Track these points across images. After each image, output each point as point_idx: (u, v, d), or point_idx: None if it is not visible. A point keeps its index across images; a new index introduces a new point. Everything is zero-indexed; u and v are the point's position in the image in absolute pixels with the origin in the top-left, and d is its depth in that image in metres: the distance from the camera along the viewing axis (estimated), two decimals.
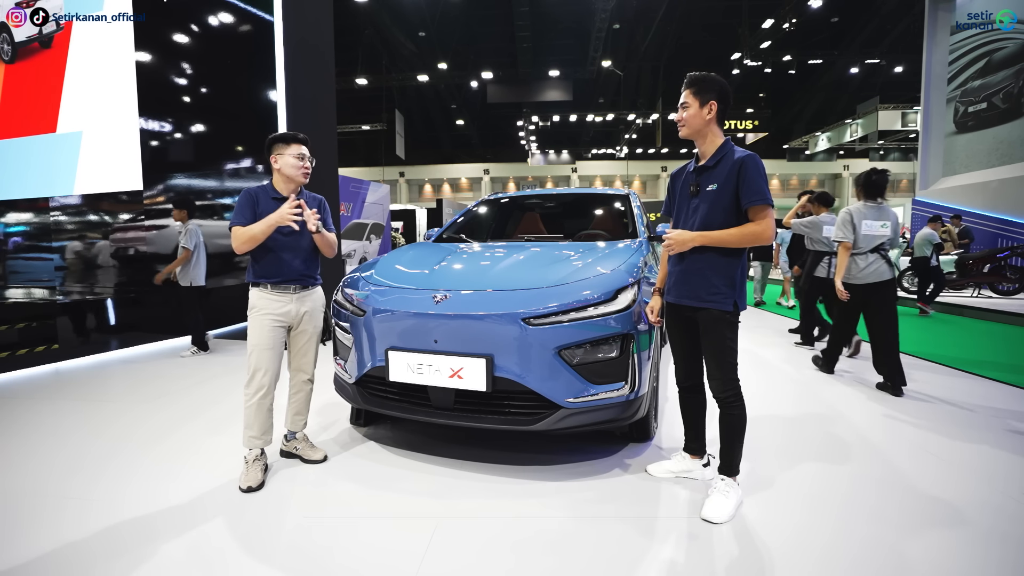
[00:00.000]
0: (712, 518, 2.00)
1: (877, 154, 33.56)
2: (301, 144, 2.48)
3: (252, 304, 2.44)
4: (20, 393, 3.93)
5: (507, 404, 2.34)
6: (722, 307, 2.05)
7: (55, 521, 2.07)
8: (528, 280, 2.46)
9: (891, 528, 1.97)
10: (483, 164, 34.65)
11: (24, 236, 5.51)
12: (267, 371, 2.41)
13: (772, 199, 1.99)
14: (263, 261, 2.44)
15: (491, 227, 4.22)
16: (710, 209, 2.06)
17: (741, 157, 2.02)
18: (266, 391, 2.41)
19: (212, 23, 5.99)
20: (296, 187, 2.52)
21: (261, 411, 2.41)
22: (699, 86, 2.06)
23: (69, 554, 1.85)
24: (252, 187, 2.48)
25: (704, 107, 2.06)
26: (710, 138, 2.11)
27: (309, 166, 2.50)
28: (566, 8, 19.60)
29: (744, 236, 2.00)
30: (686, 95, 2.09)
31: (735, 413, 2.10)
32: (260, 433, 2.42)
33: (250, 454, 2.42)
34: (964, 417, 3.24)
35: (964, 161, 12.85)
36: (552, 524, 2.01)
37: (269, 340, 2.41)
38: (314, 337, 2.61)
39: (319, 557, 1.82)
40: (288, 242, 2.46)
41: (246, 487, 2.31)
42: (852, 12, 20.92)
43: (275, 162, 2.46)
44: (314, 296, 2.59)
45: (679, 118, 2.13)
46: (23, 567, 1.78)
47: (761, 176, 1.99)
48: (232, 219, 2.40)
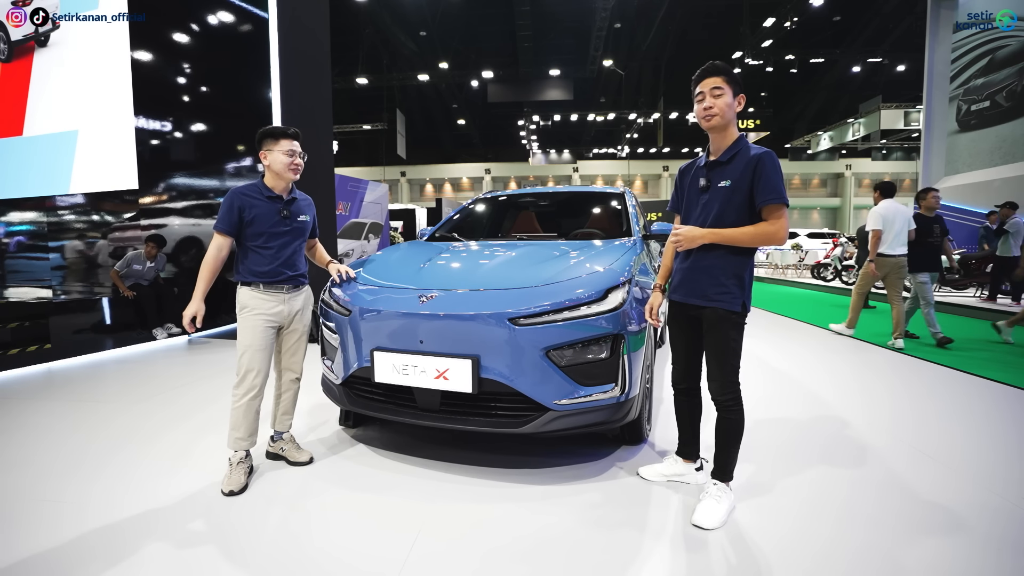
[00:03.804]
0: (703, 524, 1.95)
1: (880, 153, 33.45)
2: (292, 139, 2.41)
3: (243, 304, 2.38)
4: (11, 393, 3.90)
5: (494, 406, 2.29)
6: (730, 307, 1.99)
7: (39, 524, 2.02)
8: (515, 279, 2.41)
9: (888, 534, 1.91)
10: (484, 164, 34.66)
11: (18, 235, 5.48)
12: (259, 372, 2.37)
13: (788, 199, 1.93)
14: (255, 261, 2.38)
15: (485, 225, 4.17)
16: (722, 206, 1.99)
17: (758, 154, 1.94)
18: (256, 392, 2.37)
19: (207, 20, 5.95)
20: (287, 184, 2.46)
21: (250, 413, 2.37)
22: (731, 76, 1.97)
23: (51, 558, 1.81)
24: (241, 187, 2.40)
25: (736, 97, 1.99)
26: (730, 132, 2.02)
27: (300, 162, 2.44)
28: (567, 7, 19.54)
29: (757, 235, 1.93)
30: (719, 80, 1.95)
31: (733, 417, 2.04)
32: (247, 435, 2.38)
33: (235, 456, 2.38)
34: (965, 419, 3.18)
35: (967, 160, 12.77)
36: (537, 529, 1.96)
37: (261, 341, 2.37)
38: (304, 336, 2.57)
39: (299, 561, 1.77)
40: (282, 241, 2.41)
41: (228, 491, 2.24)
42: (854, 11, 20.82)
43: (264, 158, 2.40)
44: (304, 295, 2.56)
45: (711, 105, 1.96)
46: (10, 569, 1.74)
47: (778, 174, 1.93)
48: (216, 223, 2.35)
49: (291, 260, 2.45)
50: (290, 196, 2.48)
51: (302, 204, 2.54)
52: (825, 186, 34.34)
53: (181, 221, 6.08)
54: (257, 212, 2.36)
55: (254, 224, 2.36)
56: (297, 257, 2.50)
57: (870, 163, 33.84)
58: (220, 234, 2.34)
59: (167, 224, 5.95)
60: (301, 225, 2.51)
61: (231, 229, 2.34)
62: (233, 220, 2.33)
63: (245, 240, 2.38)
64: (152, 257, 5.64)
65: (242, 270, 2.40)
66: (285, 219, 2.42)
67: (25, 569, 1.76)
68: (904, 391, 3.79)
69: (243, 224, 2.36)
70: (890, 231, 5.07)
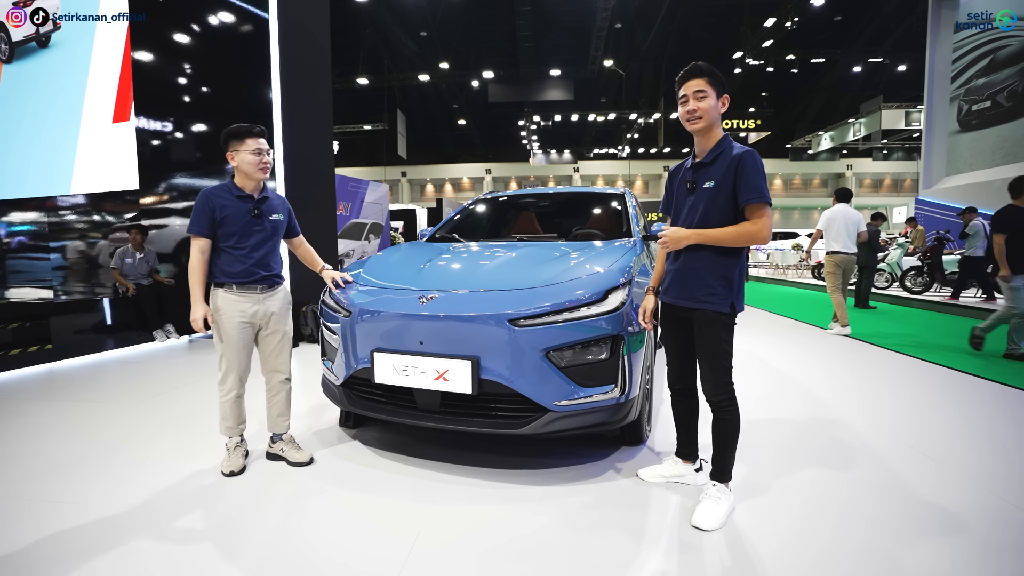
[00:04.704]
0: (703, 525, 1.95)
1: (880, 153, 33.41)
2: (258, 137, 2.40)
3: (216, 306, 2.40)
4: (13, 394, 3.91)
5: (494, 407, 2.29)
6: (718, 308, 1.99)
7: (40, 524, 2.03)
8: (515, 280, 2.42)
9: (888, 535, 1.91)
10: (485, 164, 34.66)
11: (19, 236, 5.49)
12: (239, 371, 2.46)
13: (770, 197, 1.93)
14: (226, 261, 2.38)
15: (485, 226, 4.18)
16: (707, 206, 2.00)
17: (739, 153, 1.95)
18: (239, 389, 2.50)
19: (207, 20, 5.96)
20: (257, 183, 2.45)
21: (236, 407, 2.49)
22: (714, 76, 1.97)
23: (50, 556, 1.81)
24: (211, 188, 2.40)
25: (720, 99, 1.99)
26: (714, 132, 2.03)
27: (269, 160, 2.43)
28: (567, 7, 19.55)
29: (740, 235, 1.93)
30: (702, 83, 1.96)
31: (728, 418, 2.04)
32: (236, 424, 2.50)
33: (231, 442, 2.51)
34: (966, 420, 3.18)
35: (968, 160, 12.76)
36: (536, 530, 1.96)
37: (238, 340, 2.40)
38: (286, 337, 2.57)
39: (299, 561, 1.77)
40: (255, 241, 2.41)
41: (228, 472, 2.41)
42: (854, 10, 20.82)
43: (232, 159, 2.39)
44: (279, 295, 2.55)
45: (695, 108, 1.97)
46: (10, 569, 1.75)
47: (760, 173, 1.92)
48: (190, 226, 2.35)
49: (264, 260, 2.45)
50: (261, 195, 2.47)
51: (275, 203, 2.52)
52: (826, 186, 34.28)
53: (182, 221, 6.08)
54: (228, 212, 2.36)
55: (225, 224, 2.36)
56: (271, 257, 2.49)
57: (871, 163, 33.80)
58: (197, 237, 2.35)
59: (168, 224, 5.96)
60: (274, 224, 2.50)
61: (207, 231, 2.34)
62: (207, 221, 2.34)
63: (217, 241, 2.38)
64: (139, 246, 5.58)
65: (215, 271, 2.40)
66: (257, 219, 2.42)
67: (25, 567, 1.76)
68: (905, 391, 3.79)
69: (215, 224, 2.35)
70: (830, 232, 5.88)
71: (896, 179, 33.89)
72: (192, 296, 2.31)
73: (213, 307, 2.39)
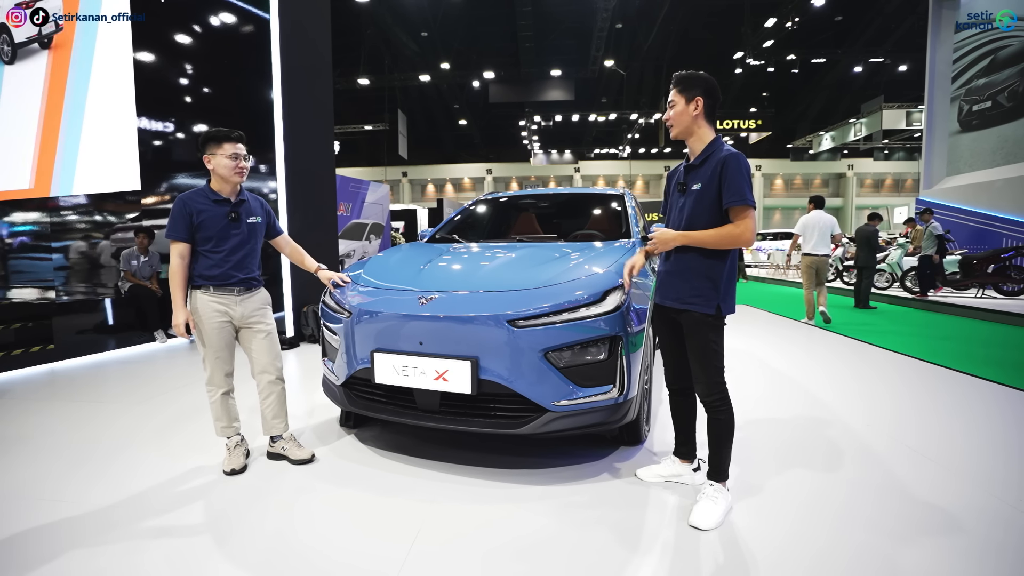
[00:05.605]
0: (700, 525, 1.96)
1: (881, 153, 33.37)
2: (236, 142, 2.41)
3: (194, 308, 2.41)
4: (14, 393, 3.92)
5: (493, 407, 2.30)
6: (704, 310, 2.00)
7: (40, 523, 2.04)
8: (514, 281, 2.43)
9: (886, 536, 1.92)
10: (486, 164, 34.66)
11: (20, 236, 5.51)
12: (224, 371, 2.49)
13: (753, 200, 1.94)
14: (204, 264, 2.40)
15: (486, 227, 4.19)
16: (694, 209, 2.03)
17: (724, 156, 1.97)
18: (226, 389, 2.51)
19: (208, 21, 5.97)
20: (234, 186, 2.46)
21: (225, 406, 2.52)
22: (684, 83, 2.03)
23: (49, 555, 1.82)
24: (188, 192, 2.42)
25: (690, 103, 2.02)
26: (699, 136, 2.06)
27: (246, 165, 2.44)
28: (568, 7, 19.54)
29: (723, 237, 1.94)
30: (672, 94, 2.07)
31: (722, 418, 2.05)
32: (229, 422, 2.53)
33: (230, 441, 2.54)
34: (966, 421, 3.19)
35: (968, 160, 12.74)
36: (535, 529, 1.97)
37: (218, 340, 2.43)
38: (270, 336, 2.57)
39: (297, 559, 1.79)
40: (233, 244, 2.42)
41: (229, 470, 2.44)
42: (855, 10, 20.79)
43: (208, 162, 2.40)
44: (258, 297, 2.55)
45: (666, 118, 2.10)
46: (10, 567, 1.76)
47: (742, 176, 1.94)
48: (168, 231, 2.36)
49: (243, 263, 2.46)
50: (238, 198, 2.48)
51: (252, 205, 2.54)
52: (827, 186, 34.24)
53: None
54: (205, 217, 2.37)
55: (202, 228, 2.38)
56: (250, 259, 2.50)
57: (872, 163, 33.74)
58: (176, 242, 2.36)
59: None
60: (252, 227, 2.51)
61: (185, 235, 2.36)
62: (185, 226, 2.35)
63: (195, 244, 2.40)
64: (144, 249, 5.67)
65: (193, 274, 2.42)
66: (234, 222, 2.43)
67: (23, 566, 1.78)
68: (905, 391, 3.79)
69: (193, 229, 2.37)
70: (809, 236, 6.50)
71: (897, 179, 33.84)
72: (174, 301, 2.35)
73: (192, 309, 2.41)
